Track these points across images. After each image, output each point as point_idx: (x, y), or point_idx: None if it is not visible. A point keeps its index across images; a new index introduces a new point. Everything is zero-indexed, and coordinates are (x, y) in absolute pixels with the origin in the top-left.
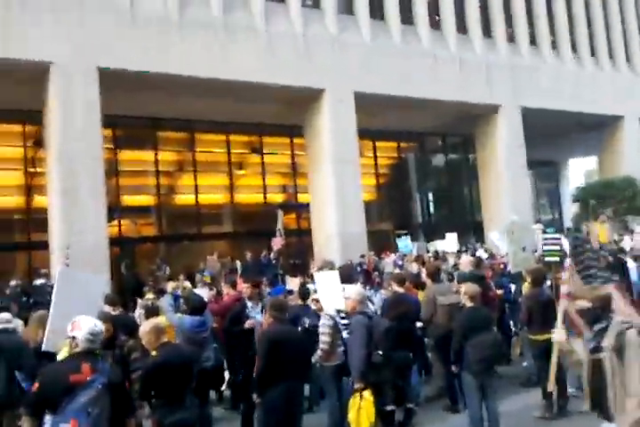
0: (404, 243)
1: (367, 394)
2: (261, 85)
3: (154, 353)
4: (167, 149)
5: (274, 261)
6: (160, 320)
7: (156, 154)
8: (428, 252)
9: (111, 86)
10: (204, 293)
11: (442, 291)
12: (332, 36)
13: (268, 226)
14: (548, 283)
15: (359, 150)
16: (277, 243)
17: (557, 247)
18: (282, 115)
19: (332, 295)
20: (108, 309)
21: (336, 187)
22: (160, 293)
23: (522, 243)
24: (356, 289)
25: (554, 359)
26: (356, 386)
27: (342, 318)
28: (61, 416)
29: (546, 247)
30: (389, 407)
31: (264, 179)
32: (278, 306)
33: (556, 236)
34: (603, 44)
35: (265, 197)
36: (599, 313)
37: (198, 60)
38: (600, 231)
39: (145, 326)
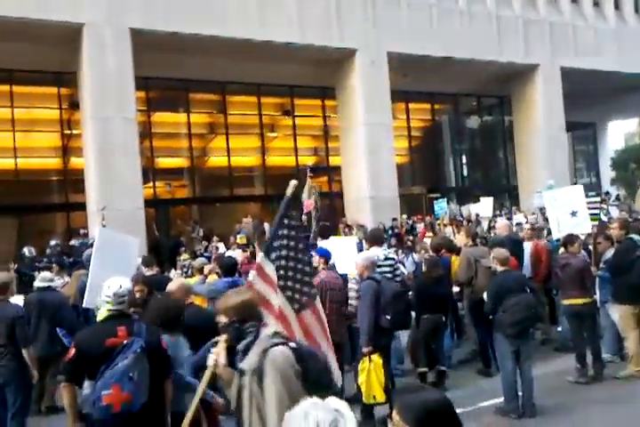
0: (441, 206)
1: (376, 357)
2: (293, 46)
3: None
4: (199, 112)
5: (304, 223)
6: (187, 281)
7: (188, 116)
8: (461, 215)
9: (143, 48)
10: (237, 254)
11: (480, 254)
12: None
13: (300, 189)
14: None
15: (391, 112)
16: (307, 206)
17: (597, 211)
18: (314, 76)
19: (346, 260)
20: (144, 269)
21: (368, 149)
22: (194, 254)
23: (570, 207)
24: (363, 255)
25: None
26: (365, 350)
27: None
28: (102, 382)
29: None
30: (421, 369)
31: (295, 141)
32: None
33: (596, 199)
34: None
35: (297, 160)
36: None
37: (231, 22)
38: (638, 197)
39: (172, 285)
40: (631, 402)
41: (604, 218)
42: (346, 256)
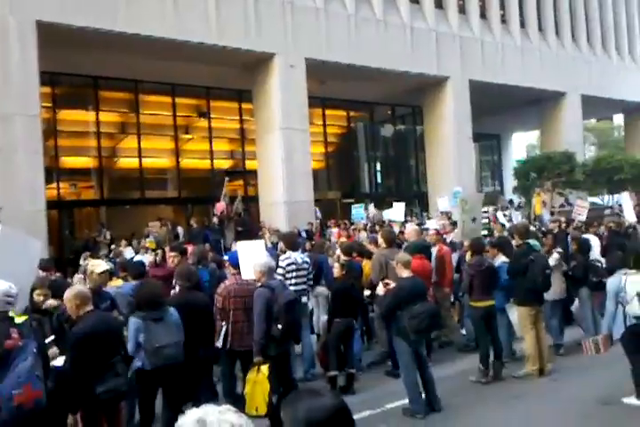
0: (358, 211)
1: (264, 369)
2: (210, 47)
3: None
4: (110, 110)
5: (217, 227)
6: (85, 287)
7: (97, 114)
8: (382, 221)
9: (51, 42)
10: (145, 258)
11: (392, 256)
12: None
13: (215, 192)
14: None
15: (308, 118)
16: (219, 208)
17: (486, 221)
18: (231, 79)
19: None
20: (42, 274)
21: (284, 154)
22: (105, 257)
23: (473, 214)
24: (260, 261)
25: None
26: (255, 360)
27: None
28: (9, 383)
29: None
30: (332, 373)
31: (211, 144)
32: (184, 275)
33: (485, 209)
34: (550, 21)
35: (212, 163)
36: None
37: (146, 19)
38: (537, 203)
39: (67, 293)
40: (529, 399)
41: (507, 224)
42: (251, 260)
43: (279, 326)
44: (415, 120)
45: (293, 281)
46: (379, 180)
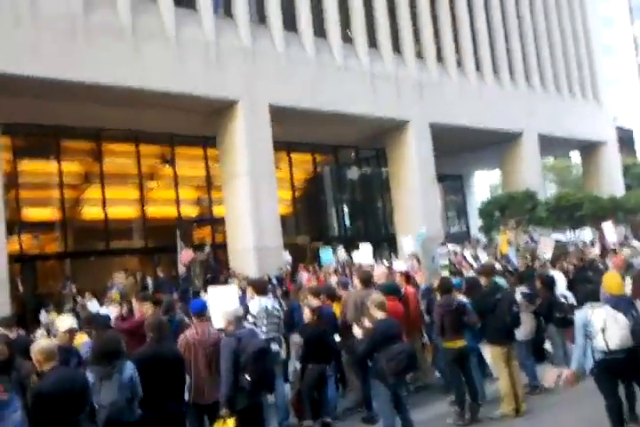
0: (327, 254)
1: (230, 422)
2: (172, 95)
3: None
4: (72, 160)
5: (184, 276)
6: (51, 342)
7: (59, 165)
8: (352, 263)
9: (7, 92)
10: (111, 311)
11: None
12: (244, 45)
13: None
14: None
15: (275, 162)
16: (185, 257)
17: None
18: (194, 125)
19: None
20: (3, 331)
21: (251, 200)
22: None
23: (430, 254)
24: (229, 309)
25: None
26: (221, 412)
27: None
28: None
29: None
30: (307, 423)
31: (177, 191)
32: (155, 326)
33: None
34: (504, 63)
35: (178, 211)
36: None
37: (104, 66)
38: (502, 242)
39: (33, 347)
40: None
41: (474, 263)
42: (226, 307)
43: (247, 377)
44: (379, 162)
45: (264, 329)
46: (347, 223)
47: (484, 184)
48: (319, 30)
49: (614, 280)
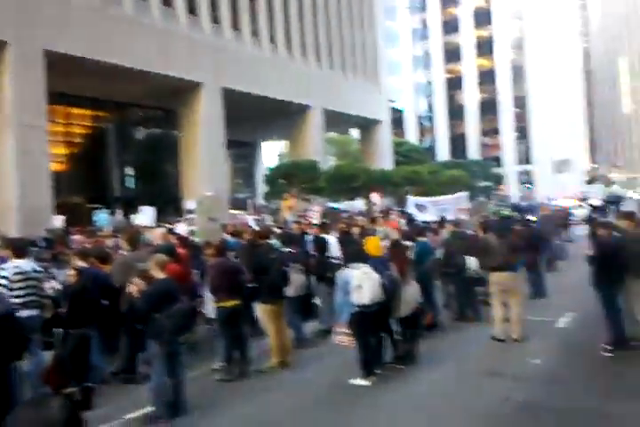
0: (101, 217)
1: None
2: None
3: None
4: None
5: None
6: None
7: None
8: (131, 227)
9: None
10: None
11: (138, 258)
12: None
13: None
14: None
15: (49, 115)
16: None
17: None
18: None
19: None
20: None
21: (18, 154)
22: None
23: (211, 214)
24: None
25: None
26: None
27: None
28: None
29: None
30: (69, 389)
31: None
32: None
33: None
34: (296, 39)
35: None
36: None
37: None
38: (284, 208)
39: None
40: (273, 391)
41: (255, 227)
42: None
43: None
44: (169, 124)
45: (22, 292)
46: (131, 184)
47: (272, 153)
48: None
49: (373, 244)
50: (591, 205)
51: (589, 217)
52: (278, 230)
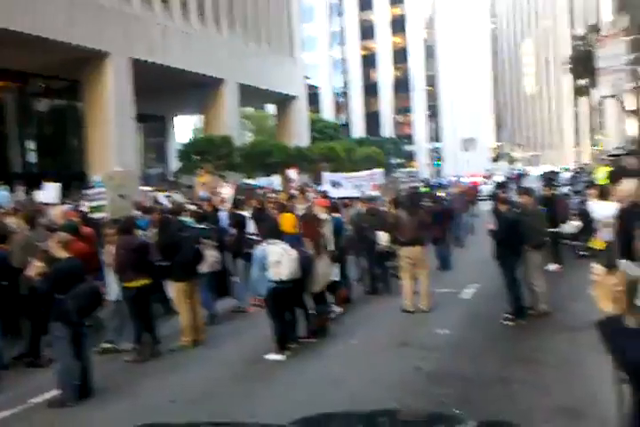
0: (1, 194)
1: None
2: None
3: None
4: None
5: None
6: None
7: None
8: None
9: None
10: None
11: (37, 238)
12: None
13: None
14: None
15: None
16: None
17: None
18: None
19: None
20: None
21: None
22: None
23: (121, 191)
24: None
25: None
26: None
27: None
28: None
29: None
30: None
31: None
32: None
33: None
34: (209, 9)
35: None
36: None
37: None
38: (197, 185)
39: None
40: (186, 369)
41: (166, 203)
42: None
43: None
44: (74, 95)
45: None
46: (32, 159)
47: (187, 128)
48: None
49: (289, 221)
50: (496, 182)
51: (493, 193)
52: (193, 207)
